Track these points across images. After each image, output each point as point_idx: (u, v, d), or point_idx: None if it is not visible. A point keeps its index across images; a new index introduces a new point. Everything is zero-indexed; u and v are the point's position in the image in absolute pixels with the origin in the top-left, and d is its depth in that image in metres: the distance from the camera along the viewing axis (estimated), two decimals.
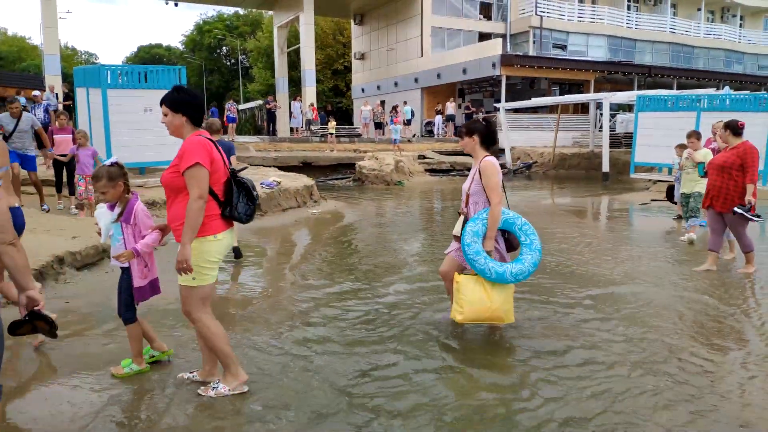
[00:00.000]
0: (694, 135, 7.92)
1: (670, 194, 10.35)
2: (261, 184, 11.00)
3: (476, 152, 4.22)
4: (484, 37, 31.33)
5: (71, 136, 9.14)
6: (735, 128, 6.06)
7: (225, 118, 22.05)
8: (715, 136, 8.21)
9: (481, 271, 4.00)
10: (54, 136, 9.15)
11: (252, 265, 7.02)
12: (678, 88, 27.36)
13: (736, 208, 5.87)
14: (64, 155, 8.91)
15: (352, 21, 37.60)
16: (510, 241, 4.21)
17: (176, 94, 3.23)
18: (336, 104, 43.04)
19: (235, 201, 3.26)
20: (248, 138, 23.58)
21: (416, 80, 31.14)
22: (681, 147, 9.22)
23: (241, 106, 35.57)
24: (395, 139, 22.29)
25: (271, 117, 25.92)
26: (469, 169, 21.95)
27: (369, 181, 17.90)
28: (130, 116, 10.85)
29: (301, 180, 12.37)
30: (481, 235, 4.03)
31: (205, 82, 57.31)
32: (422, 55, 31.11)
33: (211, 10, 60.50)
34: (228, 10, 58.20)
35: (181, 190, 3.15)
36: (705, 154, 7.60)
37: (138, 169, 11.54)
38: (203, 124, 8.97)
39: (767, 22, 41.77)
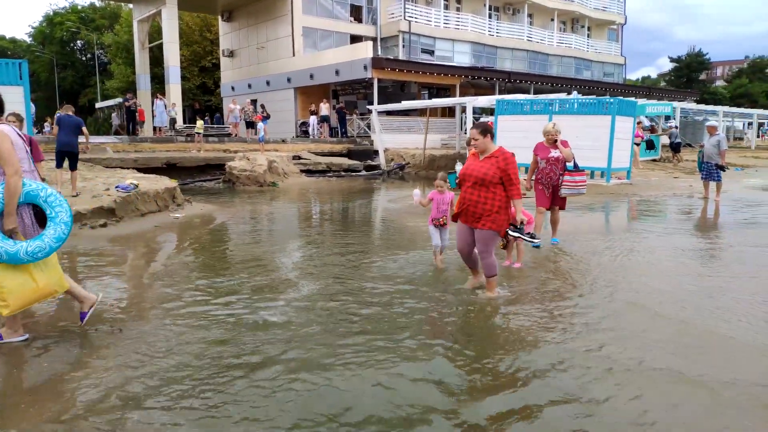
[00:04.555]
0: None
1: None
2: (116, 187, 10.18)
3: None
4: (355, 39, 31.61)
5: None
6: (490, 130, 5.22)
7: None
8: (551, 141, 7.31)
9: None
10: None
11: (99, 274, 6.39)
12: (535, 93, 29.44)
13: (509, 231, 5.07)
14: None
15: (219, 17, 36.29)
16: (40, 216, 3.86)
17: None
18: (205, 102, 41.33)
19: None
20: (105, 138, 21.81)
21: (289, 80, 30.70)
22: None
23: (99, 104, 32.93)
24: (261, 137, 21.93)
25: (131, 116, 24.21)
26: (345, 170, 21.95)
27: (240, 182, 17.30)
28: None
29: (163, 182, 11.61)
30: None
31: (57, 78, 52.42)
32: (294, 55, 30.74)
33: (63, 1, 55.62)
34: (82, 1, 53.96)
35: None
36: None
37: None
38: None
39: (610, 33, 46.36)
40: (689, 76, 65.61)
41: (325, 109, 27.73)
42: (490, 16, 36.60)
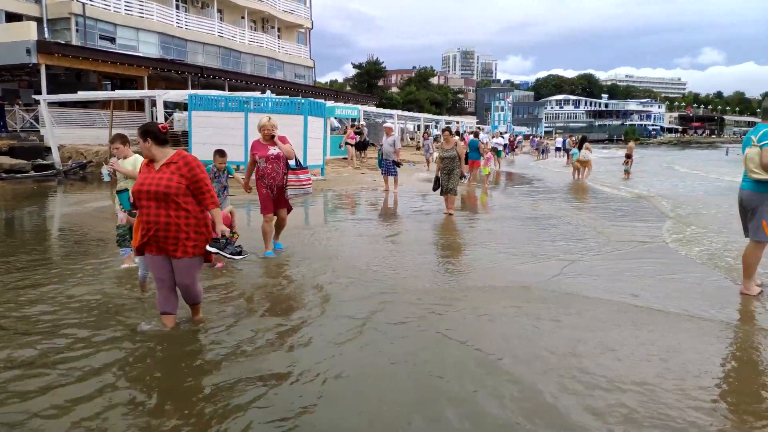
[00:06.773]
0: (119, 139, 5.85)
1: None
2: None
3: None
4: (14, 18, 26.79)
5: None
6: (156, 133, 4.12)
7: None
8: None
9: None
10: None
11: None
12: (230, 90, 29.15)
13: (208, 247, 4.18)
14: None
15: None
16: None
17: None
18: None
19: None
20: None
21: None
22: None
23: None
24: None
25: None
26: (7, 171, 18.42)
27: None
28: None
29: None
30: None
31: None
32: None
33: None
34: None
35: None
36: (135, 162, 5.74)
37: None
38: None
39: (300, 36, 48.65)
40: (369, 81, 73.46)
41: None
42: (177, 7, 34.87)
